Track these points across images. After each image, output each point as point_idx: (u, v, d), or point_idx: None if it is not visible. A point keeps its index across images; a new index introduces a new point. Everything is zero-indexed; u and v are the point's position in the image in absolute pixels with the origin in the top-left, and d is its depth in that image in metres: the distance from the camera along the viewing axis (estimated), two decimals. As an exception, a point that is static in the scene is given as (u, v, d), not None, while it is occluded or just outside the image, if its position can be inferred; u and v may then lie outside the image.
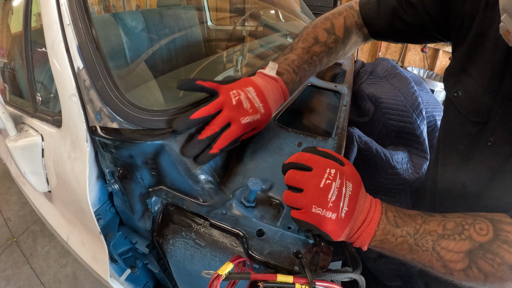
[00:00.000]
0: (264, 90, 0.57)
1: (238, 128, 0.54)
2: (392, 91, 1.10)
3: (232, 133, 0.53)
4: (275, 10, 1.72)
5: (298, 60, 0.63)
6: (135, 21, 1.28)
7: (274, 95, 0.58)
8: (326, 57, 0.66)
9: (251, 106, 0.55)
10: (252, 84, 0.57)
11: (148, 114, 0.55)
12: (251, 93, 0.55)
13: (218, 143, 0.52)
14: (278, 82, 0.60)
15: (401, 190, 0.96)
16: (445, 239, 0.40)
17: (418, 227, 0.42)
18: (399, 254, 0.43)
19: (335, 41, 0.66)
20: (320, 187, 0.41)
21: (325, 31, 0.66)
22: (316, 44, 0.65)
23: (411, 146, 1.01)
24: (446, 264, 0.40)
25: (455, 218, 0.42)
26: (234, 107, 0.53)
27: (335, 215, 0.40)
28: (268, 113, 0.58)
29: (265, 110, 0.56)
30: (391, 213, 0.44)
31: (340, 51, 0.68)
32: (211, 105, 0.53)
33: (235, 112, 0.53)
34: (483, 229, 0.39)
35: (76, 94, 0.54)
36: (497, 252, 0.37)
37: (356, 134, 0.93)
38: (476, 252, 0.38)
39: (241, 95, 0.54)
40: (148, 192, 0.56)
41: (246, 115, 0.54)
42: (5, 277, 1.65)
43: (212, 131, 0.52)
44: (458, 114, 0.54)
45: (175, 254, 0.53)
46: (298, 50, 0.64)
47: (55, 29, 0.55)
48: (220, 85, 0.56)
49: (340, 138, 0.69)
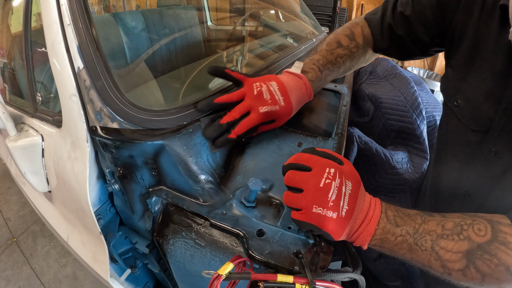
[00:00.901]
0: (287, 85, 0.60)
1: (256, 116, 0.56)
2: (392, 91, 1.10)
3: (250, 120, 0.56)
4: (275, 10, 1.72)
5: (323, 60, 0.67)
6: (135, 21, 1.28)
7: (297, 91, 0.61)
8: (349, 60, 0.70)
9: (271, 97, 0.57)
10: (276, 79, 0.60)
11: (148, 114, 0.55)
12: (273, 86, 0.58)
13: (237, 129, 0.55)
14: (302, 79, 0.62)
15: (401, 190, 0.96)
16: (444, 239, 0.40)
17: (417, 226, 0.42)
18: (399, 253, 0.43)
19: (356, 47, 0.70)
20: (320, 186, 0.41)
21: (346, 37, 0.70)
22: (339, 47, 0.68)
23: (411, 146, 1.02)
24: (445, 264, 0.40)
25: (454, 218, 0.42)
26: (254, 96, 0.57)
27: (336, 214, 0.40)
28: (289, 107, 0.59)
29: (286, 103, 0.59)
30: (391, 212, 0.44)
31: (361, 57, 0.72)
32: (234, 93, 0.57)
33: (255, 101, 0.56)
34: (482, 230, 0.40)
35: (76, 94, 0.54)
36: (495, 253, 0.38)
37: (356, 134, 0.93)
38: (474, 252, 0.39)
39: (263, 87, 0.58)
40: (148, 192, 0.56)
41: (265, 104, 0.57)
42: (5, 277, 1.65)
43: (232, 118, 0.56)
44: (459, 123, 0.54)
45: (175, 254, 0.53)
46: (322, 52, 0.68)
47: (55, 29, 0.55)
48: (246, 77, 0.60)
49: (340, 138, 0.69)
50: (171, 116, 0.57)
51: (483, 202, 0.52)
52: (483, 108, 0.49)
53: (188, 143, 0.55)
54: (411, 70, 3.53)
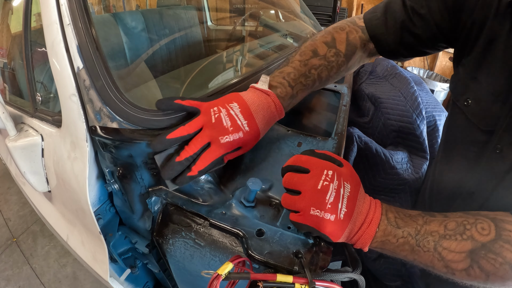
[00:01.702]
0: (251, 105, 0.52)
1: (218, 148, 0.49)
2: (392, 91, 1.10)
3: (211, 153, 0.49)
4: (275, 10, 1.72)
5: (295, 73, 0.59)
6: (135, 21, 1.28)
7: (264, 111, 0.53)
8: (326, 71, 0.62)
9: (232, 123, 0.50)
10: (238, 100, 0.52)
11: (147, 114, 0.55)
12: (234, 110, 0.51)
13: (197, 165, 0.49)
14: (270, 96, 0.55)
15: (401, 190, 0.96)
16: (446, 239, 0.40)
17: (419, 227, 0.41)
18: (400, 255, 0.43)
19: (335, 55, 0.62)
20: (317, 189, 0.41)
21: (324, 45, 0.62)
22: (315, 57, 0.61)
23: (411, 146, 1.02)
24: (448, 264, 0.40)
25: (457, 218, 0.42)
26: (213, 125, 0.49)
27: (334, 217, 0.40)
28: (255, 131, 0.52)
29: (251, 128, 0.51)
30: (392, 213, 0.43)
31: (342, 66, 0.64)
32: (189, 124, 0.50)
33: (215, 131, 0.49)
34: (485, 228, 0.39)
35: (76, 94, 0.54)
36: (499, 251, 0.37)
37: (356, 134, 0.93)
38: (478, 252, 0.38)
39: (221, 112, 0.50)
40: (148, 192, 0.56)
41: (226, 133, 0.49)
42: (5, 277, 1.65)
43: (191, 151, 0.49)
44: (467, 122, 0.53)
45: (175, 254, 0.53)
46: (294, 63, 0.60)
47: (55, 29, 0.55)
48: (202, 103, 0.52)
49: (340, 138, 0.69)
50: (170, 116, 0.57)
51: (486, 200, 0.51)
52: (493, 108, 0.47)
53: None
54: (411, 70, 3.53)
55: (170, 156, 0.50)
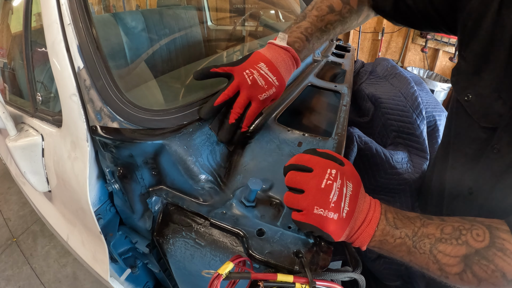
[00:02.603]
0: (276, 62, 0.59)
1: (258, 104, 0.59)
2: (392, 91, 1.10)
3: (254, 110, 0.59)
4: (275, 10, 1.72)
5: (312, 28, 0.64)
6: (135, 21, 1.28)
7: (285, 64, 0.61)
8: (340, 26, 0.67)
9: (266, 82, 0.58)
10: (263, 59, 0.59)
11: (148, 114, 0.55)
12: (263, 69, 0.58)
13: (245, 122, 0.59)
14: (289, 51, 0.61)
15: (401, 190, 0.96)
16: (442, 243, 0.40)
17: (416, 229, 0.42)
18: (397, 255, 0.43)
19: (349, 11, 0.66)
20: (321, 187, 0.41)
21: (340, 0, 0.66)
22: (331, 13, 0.65)
23: (411, 146, 1.02)
24: (442, 267, 0.40)
25: (453, 223, 0.42)
26: (250, 86, 0.57)
27: (337, 216, 0.40)
28: (282, 84, 0.61)
29: (279, 81, 0.60)
30: (391, 214, 0.44)
31: (353, 21, 0.69)
32: (229, 89, 0.57)
33: (252, 91, 0.57)
34: (480, 235, 0.40)
35: (77, 93, 0.54)
36: (492, 259, 0.38)
37: (356, 134, 0.93)
38: (472, 257, 0.39)
39: (254, 73, 0.57)
40: (148, 192, 0.56)
41: (263, 91, 0.58)
42: (5, 277, 1.65)
43: (237, 114, 0.58)
44: (468, 118, 0.52)
45: (175, 254, 0.53)
46: (311, 18, 0.65)
47: (55, 29, 0.55)
48: (233, 68, 0.59)
49: (340, 138, 0.69)
50: (171, 115, 0.57)
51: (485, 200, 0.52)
52: (495, 105, 0.46)
53: (188, 142, 0.55)
54: (411, 70, 3.53)
55: (222, 122, 0.60)
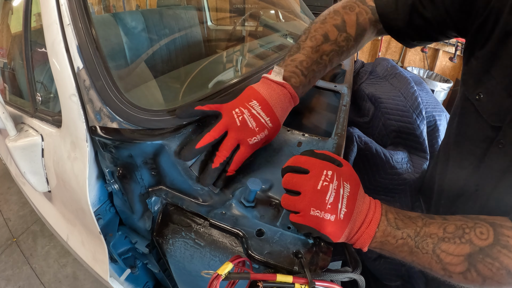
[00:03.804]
0: (270, 100, 0.54)
1: (248, 148, 0.53)
2: (392, 91, 1.10)
3: (242, 154, 0.53)
4: (275, 10, 1.72)
5: (307, 61, 0.59)
6: (135, 21, 1.28)
7: (281, 103, 0.55)
8: (337, 56, 0.62)
9: (257, 124, 0.52)
10: (256, 97, 0.54)
11: (147, 114, 0.55)
12: (255, 109, 0.53)
13: (232, 167, 0.53)
14: (286, 87, 0.56)
15: (401, 190, 0.95)
16: (445, 242, 0.40)
17: (418, 229, 0.42)
18: (399, 256, 0.43)
19: (346, 39, 0.61)
20: (317, 189, 0.41)
21: (335, 28, 0.60)
22: (326, 42, 0.60)
23: (411, 146, 1.02)
24: (446, 267, 0.40)
25: (456, 221, 0.42)
26: (239, 128, 0.52)
27: (334, 217, 0.40)
28: (277, 125, 0.55)
29: (273, 123, 0.54)
30: (392, 214, 0.43)
31: (352, 49, 0.63)
32: (214, 130, 0.52)
33: (241, 133, 0.52)
34: (484, 233, 0.39)
35: (76, 94, 0.54)
36: (497, 256, 0.38)
37: (356, 134, 0.93)
38: (476, 256, 0.38)
39: (244, 113, 0.52)
40: (148, 192, 0.56)
41: (253, 135, 0.52)
42: (5, 277, 1.65)
43: (224, 157, 0.52)
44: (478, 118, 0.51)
45: (175, 254, 0.53)
46: (306, 50, 0.60)
47: (55, 29, 0.55)
48: (221, 105, 0.54)
49: (340, 138, 0.69)
50: (170, 116, 0.57)
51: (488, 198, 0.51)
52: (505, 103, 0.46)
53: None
54: (411, 70, 3.53)
55: (205, 163, 0.55)
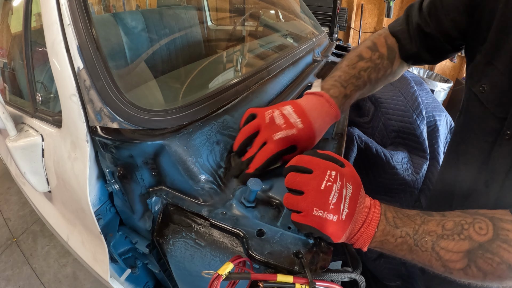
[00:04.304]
0: (305, 106, 0.56)
1: (271, 144, 0.53)
2: (392, 91, 1.10)
3: (265, 151, 0.53)
4: (275, 10, 1.72)
5: (345, 75, 0.61)
6: (135, 21, 1.28)
7: (318, 110, 0.56)
8: (374, 73, 0.63)
9: (285, 121, 0.54)
10: (291, 103, 0.56)
11: (148, 114, 0.55)
12: (287, 110, 0.55)
13: (253, 163, 0.54)
14: (323, 96, 0.57)
15: (401, 190, 0.96)
16: (444, 239, 0.40)
17: (417, 227, 0.42)
18: (399, 254, 0.43)
19: (380, 57, 0.64)
20: (321, 189, 0.41)
21: (368, 49, 0.65)
22: (361, 60, 0.63)
23: (411, 146, 1.02)
24: (446, 263, 0.40)
25: (455, 218, 0.42)
26: (267, 125, 0.54)
27: (336, 217, 0.40)
28: (309, 128, 0.54)
29: (305, 124, 0.54)
30: (390, 213, 0.44)
31: (387, 68, 0.65)
32: (246, 127, 0.56)
33: (268, 130, 0.54)
34: (483, 228, 0.39)
35: (76, 94, 0.54)
36: (497, 251, 0.38)
37: (356, 134, 0.93)
38: (476, 252, 0.38)
39: (274, 112, 0.55)
40: (148, 192, 0.56)
41: (278, 130, 0.53)
42: (5, 277, 1.65)
43: (251, 152, 0.55)
44: (483, 110, 0.52)
45: (175, 254, 0.53)
46: (343, 68, 0.63)
47: (55, 29, 0.55)
48: (259, 109, 0.57)
49: (340, 138, 0.69)
50: (171, 116, 0.57)
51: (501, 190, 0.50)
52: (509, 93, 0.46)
53: (188, 143, 0.55)
54: (411, 70, 3.53)
55: None
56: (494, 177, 0.51)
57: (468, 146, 0.59)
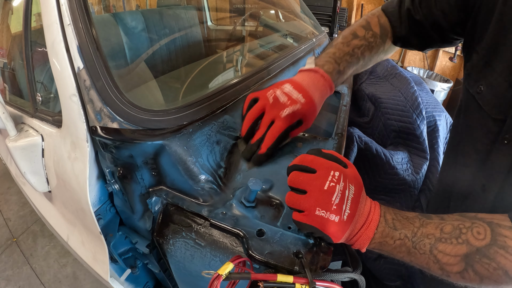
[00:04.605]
0: (302, 82, 0.58)
1: (280, 122, 0.56)
2: (392, 91, 1.10)
3: (274, 129, 0.56)
4: (275, 10, 1.72)
5: (339, 52, 0.64)
6: (135, 21, 1.28)
7: (315, 84, 0.59)
8: (368, 51, 0.66)
9: (289, 98, 0.56)
10: (289, 81, 0.59)
11: (148, 114, 0.55)
12: (287, 88, 0.57)
13: (264, 142, 0.56)
14: (318, 72, 0.60)
15: (401, 190, 0.96)
16: (442, 242, 0.40)
17: (415, 230, 0.42)
18: (397, 256, 0.43)
19: (373, 36, 0.67)
20: (324, 189, 0.41)
21: (362, 28, 0.67)
22: (355, 38, 0.66)
23: (411, 146, 1.02)
24: (443, 267, 0.40)
25: (453, 221, 0.42)
26: (272, 105, 0.56)
27: (338, 218, 0.40)
28: (312, 103, 0.58)
29: (307, 99, 0.57)
30: (390, 215, 0.44)
31: (380, 47, 0.68)
32: (252, 111, 0.58)
33: (274, 109, 0.56)
34: (481, 233, 0.39)
35: (76, 94, 0.54)
36: (494, 257, 0.38)
37: (356, 134, 0.93)
38: (473, 256, 0.39)
39: (276, 92, 0.57)
40: (148, 192, 0.56)
41: (284, 107, 0.56)
42: (5, 277, 1.65)
43: (260, 133, 0.57)
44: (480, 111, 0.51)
45: (175, 254, 0.53)
46: (338, 45, 0.66)
47: (55, 29, 0.55)
48: (259, 92, 0.60)
49: (340, 138, 0.69)
50: (171, 116, 0.57)
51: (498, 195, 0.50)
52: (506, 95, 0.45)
53: (188, 143, 0.55)
54: (411, 70, 3.53)
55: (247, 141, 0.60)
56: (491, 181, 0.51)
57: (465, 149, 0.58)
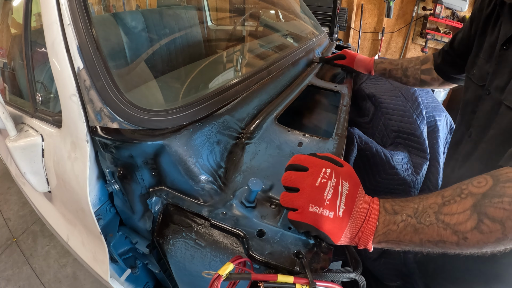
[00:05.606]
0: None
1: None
2: (392, 91, 1.10)
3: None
4: (275, 10, 1.72)
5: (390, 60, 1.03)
6: (135, 21, 1.28)
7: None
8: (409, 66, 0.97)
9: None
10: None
11: (148, 114, 0.55)
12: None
13: None
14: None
15: (401, 190, 0.96)
16: (446, 205, 0.39)
17: (416, 206, 0.41)
18: (406, 240, 0.40)
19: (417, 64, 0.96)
20: (315, 185, 0.41)
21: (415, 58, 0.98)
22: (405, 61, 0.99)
23: (411, 146, 1.02)
24: (456, 228, 0.37)
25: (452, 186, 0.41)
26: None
27: (333, 214, 0.40)
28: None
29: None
30: (389, 204, 0.43)
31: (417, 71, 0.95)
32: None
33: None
34: (481, 181, 0.38)
35: (76, 94, 0.54)
36: (503, 192, 0.36)
37: (356, 134, 0.93)
38: (481, 202, 0.36)
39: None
40: (149, 192, 0.56)
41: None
42: (5, 277, 1.65)
43: None
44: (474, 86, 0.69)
45: (176, 254, 0.53)
46: None
47: (55, 29, 0.55)
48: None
49: (340, 138, 0.69)
50: (171, 116, 0.57)
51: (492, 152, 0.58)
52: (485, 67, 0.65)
53: (188, 143, 0.55)
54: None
55: None
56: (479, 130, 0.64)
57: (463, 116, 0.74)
